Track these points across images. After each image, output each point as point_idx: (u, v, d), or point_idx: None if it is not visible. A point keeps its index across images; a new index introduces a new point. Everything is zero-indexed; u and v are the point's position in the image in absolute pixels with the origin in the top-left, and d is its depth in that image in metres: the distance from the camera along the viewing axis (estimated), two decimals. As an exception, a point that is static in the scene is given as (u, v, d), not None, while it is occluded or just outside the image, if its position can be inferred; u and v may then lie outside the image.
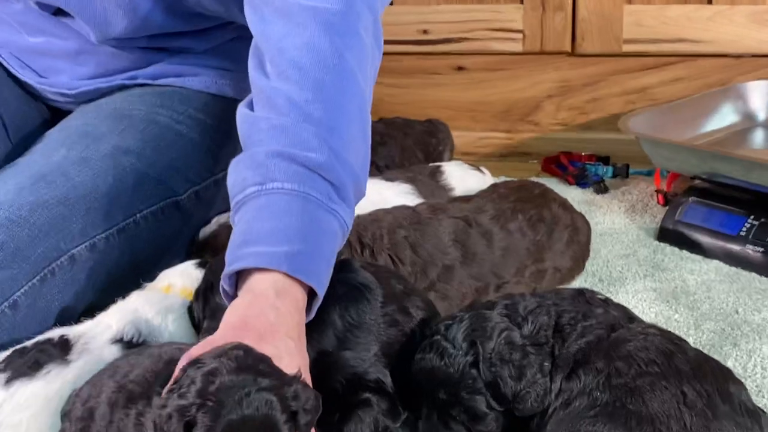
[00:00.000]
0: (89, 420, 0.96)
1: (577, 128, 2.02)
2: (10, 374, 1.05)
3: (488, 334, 1.03)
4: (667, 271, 1.49)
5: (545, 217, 1.42)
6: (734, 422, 0.94)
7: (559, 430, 0.98)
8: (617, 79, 1.96)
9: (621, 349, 1.00)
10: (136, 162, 1.34)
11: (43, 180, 1.25)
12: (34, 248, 1.20)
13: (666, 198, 1.71)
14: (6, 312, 1.17)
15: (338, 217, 1.06)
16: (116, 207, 1.30)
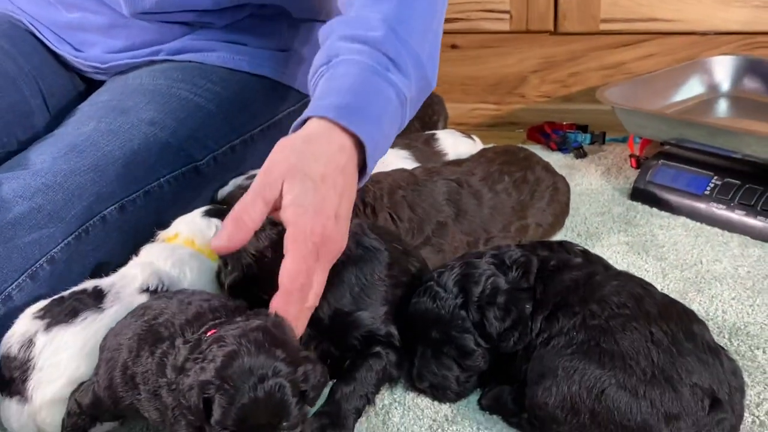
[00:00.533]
0: (118, 351, 0.96)
1: (559, 100, 2.00)
2: (49, 321, 1.05)
3: (476, 280, 1.04)
4: (638, 227, 1.49)
5: (529, 179, 1.41)
6: (697, 358, 0.94)
7: (540, 366, 0.98)
8: (595, 55, 1.94)
9: (596, 293, 1.00)
10: (159, 132, 1.34)
11: (75, 150, 1.26)
12: (69, 210, 1.20)
13: (638, 161, 1.69)
14: (44, 266, 1.18)
15: (394, 86, 1.06)
16: (142, 172, 1.30)
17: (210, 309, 0.96)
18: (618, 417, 0.92)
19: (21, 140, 1.40)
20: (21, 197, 1.18)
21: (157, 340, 0.93)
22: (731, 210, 1.45)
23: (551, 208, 1.43)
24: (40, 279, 1.17)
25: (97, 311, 1.07)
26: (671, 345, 0.94)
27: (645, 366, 0.92)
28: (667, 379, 0.92)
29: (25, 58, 1.49)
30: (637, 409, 0.91)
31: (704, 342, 0.97)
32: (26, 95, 1.45)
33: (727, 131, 1.45)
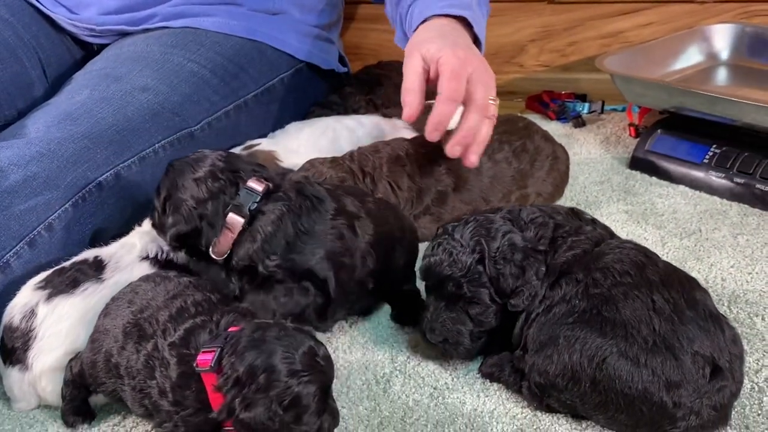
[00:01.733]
0: (104, 335, 0.97)
1: (558, 69, 1.98)
2: (51, 291, 1.05)
3: (493, 235, 1.02)
4: (637, 196, 1.47)
5: (528, 148, 1.40)
6: (698, 326, 0.93)
7: (541, 334, 0.97)
8: (594, 24, 1.92)
9: (599, 262, 0.99)
10: (152, 98, 1.33)
11: (68, 118, 1.25)
12: (64, 177, 1.20)
13: (637, 130, 1.68)
14: (42, 234, 1.18)
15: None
16: (136, 138, 1.29)
17: (194, 303, 0.97)
18: (619, 385, 0.91)
19: (21, 110, 1.39)
20: (16, 165, 1.18)
21: (141, 337, 0.94)
22: (730, 178, 1.44)
23: (551, 177, 1.42)
24: (39, 246, 1.17)
25: (98, 282, 1.07)
26: (673, 313, 0.93)
27: (646, 334, 0.92)
28: (668, 348, 0.91)
29: (25, 27, 1.48)
30: (638, 377, 0.91)
31: (706, 309, 0.96)
32: (27, 66, 1.44)
33: (726, 99, 1.43)
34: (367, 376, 1.07)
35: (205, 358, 0.88)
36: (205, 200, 1.05)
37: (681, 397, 0.90)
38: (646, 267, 0.98)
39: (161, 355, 0.91)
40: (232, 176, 1.06)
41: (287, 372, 0.84)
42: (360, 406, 1.02)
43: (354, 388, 1.05)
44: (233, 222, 1.04)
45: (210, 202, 1.05)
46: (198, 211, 1.05)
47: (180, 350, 0.91)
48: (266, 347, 0.85)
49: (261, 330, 0.87)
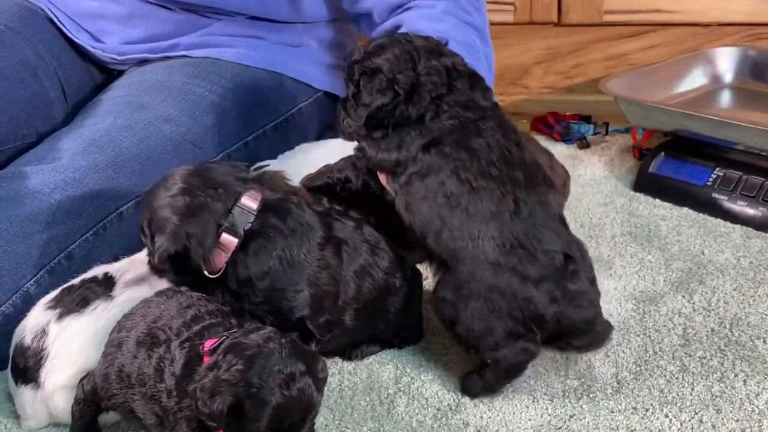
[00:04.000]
0: (117, 349, 0.98)
1: (563, 91, 2.00)
2: (61, 311, 1.07)
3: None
4: (641, 218, 1.49)
5: None
6: (550, 228, 1.05)
7: (413, 206, 1.07)
8: (599, 47, 1.94)
9: (471, 141, 1.07)
10: (174, 129, 1.35)
11: (93, 145, 1.27)
12: (87, 207, 1.22)
13: (641, 152, 1.70)
14: (62, 262, 1.20)
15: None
16: (158, 170, 1.30)
17: (207, 312, 0.98)
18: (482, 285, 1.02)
19: (40, 132, 1.41)
20: (40, 192, 1.20)
21: (154, 343, 0.95)
22: (733, 201, 1.45)
23: None
24: (58, 275, 1.19)
25: (107, 299, 1.09)
26: (528, 217, 1.04)
27: (500, 232, 1.03)
28: (524, 248, 1.03)
29: (46, 47, 1.50)
30: (500, 275, 1.02)
31: (555, 210, 1.09)
32: (46, 86, 1.46)
33: (728, 123, 1.45)
34: (371, 396, 1.09)
35: (211, 342, 0.90)
36: (189, 216, 1.02)
37: (539, 288, 1.02)
38: (514, 162, 1.07)
39: (172, 354, 0.92)
40: (214, 190, 1.04)
41: (258, 379, 0.84)
42: (364, 426, 1.04)
43: (358, 409, 1.07)
44: (227, 243, 1.02)
45: (195, 219, 1.02)
46: (185, 231, 1.02)
47: (191, 342, 0.92)
48: (260, 352, 0.86)
49: (268, 340, 0.88)
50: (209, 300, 1.02)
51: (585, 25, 1.92)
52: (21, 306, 1.15)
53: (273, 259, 1.03)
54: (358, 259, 1.08)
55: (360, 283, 1.07)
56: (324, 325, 1.05)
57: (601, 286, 1.26)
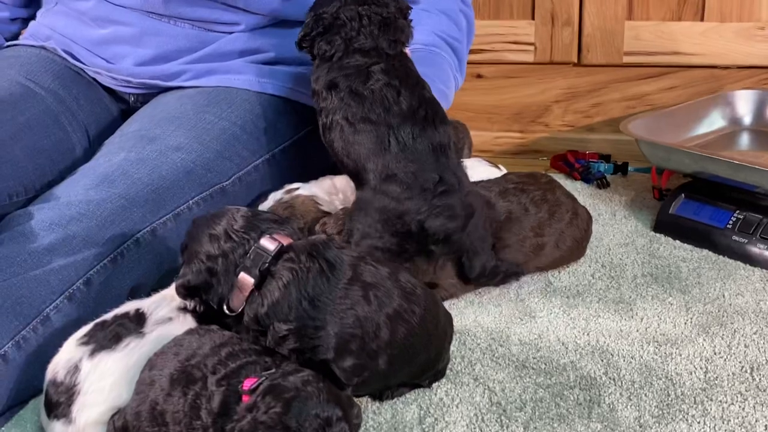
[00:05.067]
0: (149, 386, 1.00)
1: (582, 129, 2.02)
2: (94, 346, 1.08)
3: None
4: (662, 259, 1.50)
5: (548, 199, 1.43)
6: (427, 160, 1.28)
7: (326, 132, 1.33)
8: (618, 87, 1.96)
9: (360, 87, 1.29)
10: (186, 156, 1.38)
11: (106, 180, 1.30)
12: (103, 235, 1.25)
13: (661, 193, 1.71)
14: (81, 288, 1.22)
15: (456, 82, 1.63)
16: (170, 196, 1.34)
17: (241, 351, 1.00)
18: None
19: (63, 170, 1.44)
20: (57, 225, 1.23)
21: (189, 381, 0.97)
22: (753, 244, 1.46)
23: (570, 231, 1.44)
24: (78, 300, 1.21)
25: (139, 336, 1.10)
26: (402, 151, 1.27)
27: (382, 168, 1.28)
28: (397, 177, 1.27)
29: (66, 90, 1.53)
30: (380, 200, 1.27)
31: (435, 143, 1.29)
32: (68, 131, 1.50)
33: (748, 167, 1.47)
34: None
35: (250, 382, 0.92)
36: (216, 257, 1.07)
37: (407, 204, 1.25)
38: (397, 103, 1.28)
39: (209, 392, 0.94)
40: (246, 234, 1.07)
41: (296, 423, 0.86)
42: (390, 466, 1.05)
43: (384, 448, 1.08)
44: (244, 282, 1.05)
45: (221, 259, 1.06)
46: (208, 267, 1.07)
47: (228, 380, 0.94)
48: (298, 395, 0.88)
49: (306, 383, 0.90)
50: (241, 338, 1.04)
51: (605, 66, 1.95)
52: (41, 330, 1.18)
53: (289, 298, 1.03)
54: (392, 304, 1.08)
55: (394, 328, 1.07)
56: (351, 368, 1.05)
57: (622, 327, 1.29)
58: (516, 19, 1.96)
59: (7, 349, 1.15)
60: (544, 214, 1.41)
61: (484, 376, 1.19)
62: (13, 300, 1.17)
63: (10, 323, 1.16)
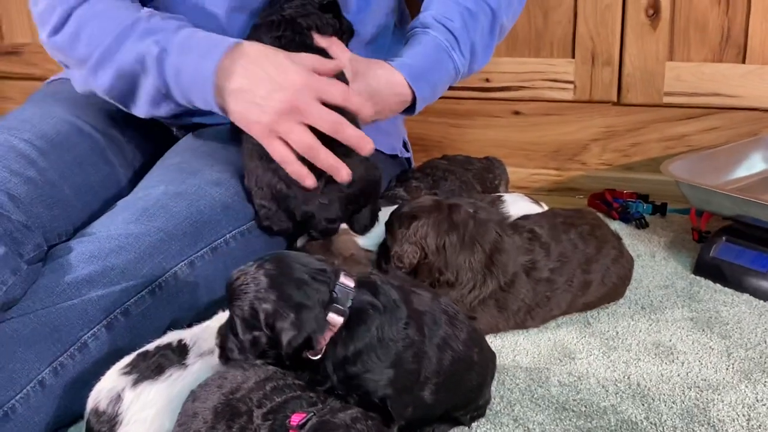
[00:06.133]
0: (192, 418, 1.00)
1: (620, 169, 2.02)
2: (136, 376, 1.09)
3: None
4: (702, 303, 1.49)
5: (596, 234, 1.43)
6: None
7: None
8: (657, 127, 1.96)
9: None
10: (224, 191, 1.39)
11: (145, 213, 1.32)
12: (141, 268, 1.26)
13: (700, 235, 1.70)
14: (119, 318, 1.23)
15: (454, 62, 1.53)
16: (208, 230, 1.35)
17: (286, 385, 1.00)
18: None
19: (107, 201, 1.46)
20: (96, 257, 1.24)
21: (234, 414, 0.97)
22: (795, 289, 1.45)
23: (615, 268, 1.44)
24: (116, 330, 1.22)
25: (181, 367, 1.11)
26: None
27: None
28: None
29: (112, 124, 1.55)
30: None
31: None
32: (115, 164, 1.52)
33: (791, 211, 1.46)
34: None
35: (298, 418, 0.91)
36: (305, 303, 1.03)
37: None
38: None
39: (255, 425, 0.94)
40: (323, 274, 1.06)
41: None
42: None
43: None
44: (333, 322, 1.03)
45: (307, 304, 1.03)
46: (302, 316, 1.02)
47: (274, 414, 0.94)
48: None
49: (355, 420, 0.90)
50: (285, 373, 1.04)
51: (644, 106, 1.95)
52: (79, 357, 1.19)
53: (370, 337, 1.03)
54: (439, 331, 1.08)
55: (441, 355, 1.07)
56: (404, 404, 1.05)
57: (663, 371, 1.28)
58: (556, 57, 1.97)
59: (44, 375, 1.17)
60: (592, 250, 1.41)
61: (524, 417, 1.19)
62: (51, 327, 1.19)
63: (48, 349, 1.18)
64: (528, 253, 1.38)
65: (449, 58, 1.53)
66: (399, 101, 1.49)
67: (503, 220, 1.44)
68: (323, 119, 1.30)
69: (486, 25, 1.57)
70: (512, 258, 1.37)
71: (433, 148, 2.11)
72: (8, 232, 1.24)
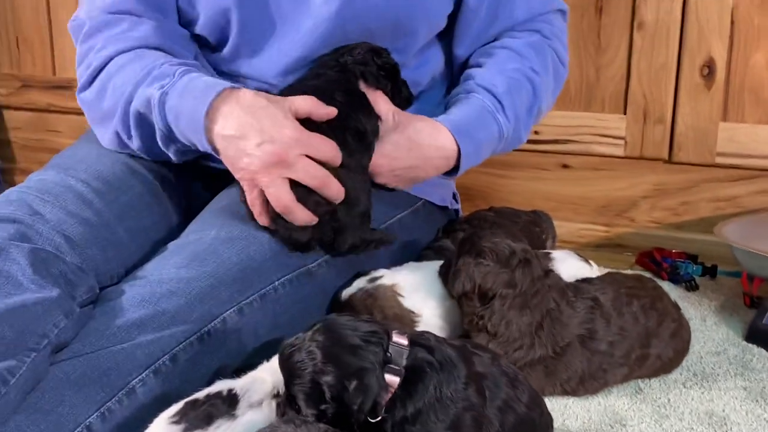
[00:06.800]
0: None
1: (669, 227, 2.00)
2: (185, 426, 1.08)
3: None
4: (755, 372, 1.46)
5: (657, 307, 1.41)
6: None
7: None
8: (709, 187, 1.95)
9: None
10: (274, 238, 1.38)
11: (197, 259, 1.32)
12: (191, 313, 1.25)
13: (752, 300, 1.68)
14: (167, 364, 1.23)
15: (499, 124, 1.51)
16: (257, 277, 1.34)
17: None
18: None
19: (158, 241, 1.47)
20: (147, 302, 1.25)
21: None
22: None
23: (673, 342, 1.42)
24: (163, 375, 1.22)
25: (230, 418, 1.10)
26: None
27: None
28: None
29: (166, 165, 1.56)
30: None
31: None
32: (168, 206, 1.53)
33: None
34: None
35: None
36: (365, 367, 1.02)
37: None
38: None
39: None
40: (376, 335, 1.05)
41: None
42: None
43: None
44: (391, 382, 1.02)
45: (367, 367, 1.02)
46: (372, 379, 1.01)
47: None
48: None
49: None
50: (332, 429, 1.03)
51: (696, 165, 1.94)
52: (126, 403, 1.18)
53: (428, 396, 1.02)
54: (500, 394, 1.07)
55: (503, 419, 1.06)
56: None
57: (718, 444, 1.25)
58: (607, 112, 1.98)
59: (92, 420, 1.16)
60: (653, 324, 1.39)
61: (575, 485, 1.17)
62: (99, 371, 1.19)
63: (96, 394, 1.17)
64: (588, 322, 1.36)
65: (494, 120, 1.51)
66: (441, 156, 1.48)
67: (566, 287, 1.41)
68: (309, 174, 1.30)
69: (526, 101, 1.56)
70: (567, 328, 1.35)
71: (478, 198, 2.11)
72: (63, 274, 1.25)
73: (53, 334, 1.18)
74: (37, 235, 1.28)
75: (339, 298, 1.46)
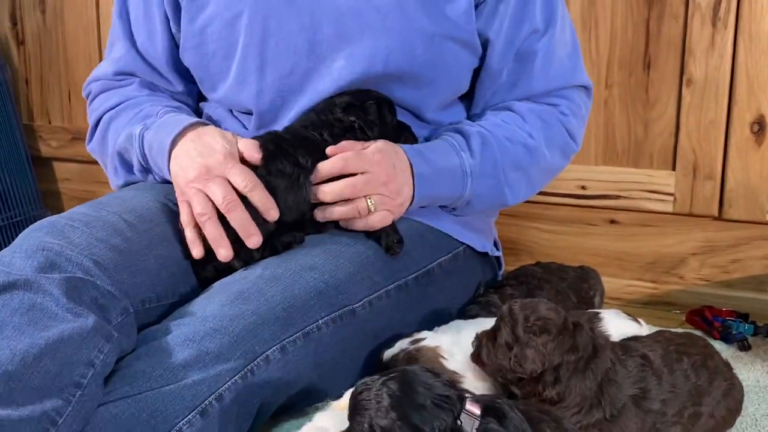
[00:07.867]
0: None
1: (719, 285, 1.98)
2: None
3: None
4: (814, 437, 1.43)
5: (708, 366, 1.38)
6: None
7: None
8: (760, 244, 1.93)
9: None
10: (318, 276, 1.40)
11: (240, 297, 1.33)
12: (234, 351, 1.26)
13: (807, 362, 1.65)
14: (213, 404, 1.23)
15: (460, 158, 1.53)
16: (300, 315, 1.35)
17: None
18: None
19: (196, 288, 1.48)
20: (192, 341, 1.25)
21: None
22: None
23: (726, 401, 1.38)
24: (210, 416, 1.22)
25: None
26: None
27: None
28: None
29: None
30: None
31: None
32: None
33: None
34: None
35: None
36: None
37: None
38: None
39: None
40: (448, 401, 1.05)
41: None
42: None
43: None
44: None
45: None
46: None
47: None
48: None
49: None
50: None
51: (746, 222, 1.92)
52: None
53: None
54: None
55: None
56: None
57: None
58: (655, 168, 1.97)
59: None
60: (704, 382, 1.37)
61: None
62: (148, 413, 1.19)
63: None
64: (640, 381, 1.34)
65: (455, 153, 1.54)
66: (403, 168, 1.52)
67: (615, 345, 1.40)
68: (241, 176, 1.42)
69: (512, 158, 1.59)
70: (623, 390, 1.33)
71: (524, 252, 2.11)
72: (94, 300, 1.26)
73: (99, 360, 1.19)
74: (66, 261, 1.29)
75: (381, 358, 1.46)
